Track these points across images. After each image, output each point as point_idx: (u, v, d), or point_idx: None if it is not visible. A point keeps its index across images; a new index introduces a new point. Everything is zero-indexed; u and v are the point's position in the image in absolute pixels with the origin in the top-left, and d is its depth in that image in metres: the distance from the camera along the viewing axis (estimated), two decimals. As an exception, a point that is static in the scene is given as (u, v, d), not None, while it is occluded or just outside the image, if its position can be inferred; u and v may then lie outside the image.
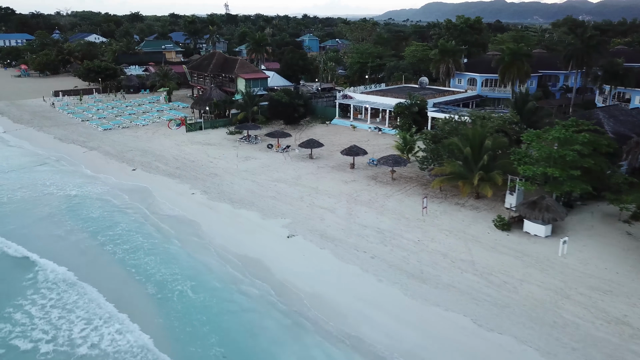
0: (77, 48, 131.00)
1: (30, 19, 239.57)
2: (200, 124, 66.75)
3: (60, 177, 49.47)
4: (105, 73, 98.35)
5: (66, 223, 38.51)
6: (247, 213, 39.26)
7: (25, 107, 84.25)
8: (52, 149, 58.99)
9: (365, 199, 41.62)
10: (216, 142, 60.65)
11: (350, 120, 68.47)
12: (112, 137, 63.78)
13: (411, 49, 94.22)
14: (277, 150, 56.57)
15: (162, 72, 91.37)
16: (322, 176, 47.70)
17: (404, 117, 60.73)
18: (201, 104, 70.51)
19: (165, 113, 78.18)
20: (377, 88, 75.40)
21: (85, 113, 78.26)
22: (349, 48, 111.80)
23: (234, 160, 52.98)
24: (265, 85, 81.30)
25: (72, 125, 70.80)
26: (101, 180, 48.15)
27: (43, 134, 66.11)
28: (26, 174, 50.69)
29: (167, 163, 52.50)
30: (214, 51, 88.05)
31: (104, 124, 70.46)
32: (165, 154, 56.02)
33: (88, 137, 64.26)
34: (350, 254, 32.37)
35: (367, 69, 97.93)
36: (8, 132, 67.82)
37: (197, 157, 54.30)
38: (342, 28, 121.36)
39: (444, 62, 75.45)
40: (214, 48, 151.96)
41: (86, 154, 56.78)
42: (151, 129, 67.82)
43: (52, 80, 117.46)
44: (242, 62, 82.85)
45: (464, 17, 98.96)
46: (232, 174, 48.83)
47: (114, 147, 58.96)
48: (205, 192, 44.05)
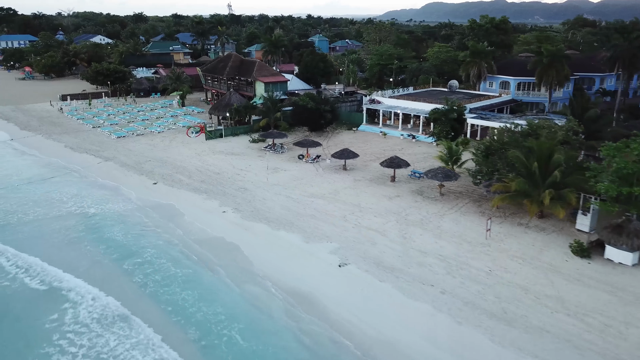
0: (83, 49, 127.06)
1: (32, 20, 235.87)
2: (221, 131, 62.72)
3: (77, 191, 45.43)
4: (114, 76, 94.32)
5: (86, 248, 34.47)
6: (288, 235, 35.21)
7: (31, 112, 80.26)
8: (64, 159, 54.94)
9: (416, 218, 37.57)
10: (240, 152, 56.61)
11: (380, 126, 64.40)
12: (127, 146, 59.75)
13: (434, 51, 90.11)
14: (307, 160, 52.54)
15: (174, 75, 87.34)
16: (361, 191, 43.66)
17: (440, 123, 56.68)
18: (220, 109, 66.48)
19: (180, 119, 74.18)
20: (405, 92, 71.31)
21: (95, 119, 74.25)
22: (366, 49, 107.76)
23: (263, 173, 48.92)
24: (285, 89, 77.29)
25: (82, 133, 66.76)
26: (121, 196, 44.09)
27: (53, 142, 62.07)
28: (39, 187, 46.66)
29: (190, 176, 48.44)
30: (229, 53, 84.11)
31: (117, 131, 66.43)
32: (186, 165, 51.98)
33: (101, 145, 60.22)
34: (416, 288, 28.32)
35: (387, 71, 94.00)
36: (16, 140, 63.79)
37: (222, 169, 50.26)
38: (359, 28, 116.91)
39: (475, 64, 71.37)
40: (223, 49, 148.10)
41: (101, 165, 52.73)
42: (167, 137, 63.78)
43: (58, 83, 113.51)
44: (261, 64, 78.79)
45: (489, 17, 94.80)
46: (263, 188, 44.79)
47: (130, 158, 54.92)
48: (237, 209, 40.00)
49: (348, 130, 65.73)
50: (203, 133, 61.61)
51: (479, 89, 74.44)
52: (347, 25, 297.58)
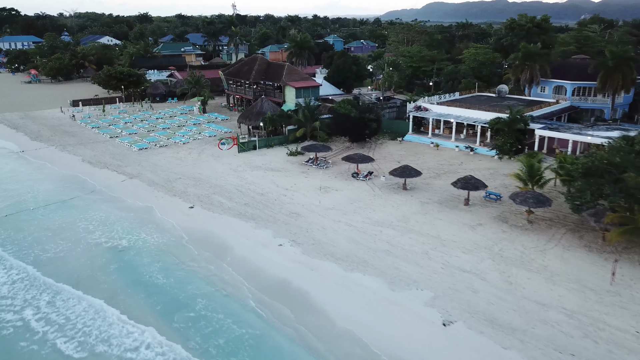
0: (92, 51, 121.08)
1: (35, 20, 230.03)
2: (254, 142, 56.62)
3: (103, 216, 39.37)
4: (128, 80, 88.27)
5: (123, 295, 28.42)
6: (366, 279, 29.12)
7: (41, 120, 74.24)
8: (83, 176, 48.88)
9: (513, 254, 31.50)
10: (279, 167, 50.52)
11: (429, 136, 58.26)
12: (151, 160, 53.70)
13: (472, 52, 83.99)
14: (358, 177, 46.48)
15: (193, 79, 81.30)
16: (434, 217, 37.58)
17: (503, 135, 50.66)
18: (251, 118, 60.39)
19: (204, 127, 68.11)
20: (451, 98, 65.20)
21: (112, 128, 68.21)
22: (393, 51, 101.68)
23: (313, 193, 42.82)
24: (316, 95, 71.23)
25: (99, 144, 60.70)
26: (154, 224, 38.00)
27: (68, 155, 56.01)
28: (59, 212, 40.63)
29: (231, 197, 42.36)
30: (255, 55, 78.06)
31: (137, 141, 60.37)
32: (223, 183, 45.91)
33: (122, 159, 54.17)
34: (551, 358, 22.25)
35: (420, 74, 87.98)
36: (27, 153, 57.74)
37: (265, 189, 44.17)
38: (386, 29, 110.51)
39: (527, 67, 65.28)
40: (237, 51, 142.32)
41: (126, 184, 46.65)
42: (195, 148, 57.72)
43: (66, 87, 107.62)
44: (290, 68, 72.70)
45: (528, 16, 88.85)
46: (318, 213, 38.71)
47: (157, 174, 48.86)
48: (294, 241, 33.94)
49: (392, 141, 59.63)
50: (235, 145, 55.51)
51: (530, 94, 68.32)
52: (357, 25, 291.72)
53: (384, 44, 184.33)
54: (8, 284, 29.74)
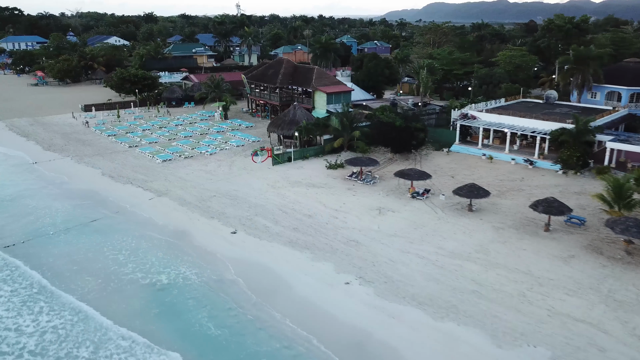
0: (101, 53, 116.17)
1: (39, 20, 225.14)
2: (289, 154, 51.78)
3: (133, 244, 34.54)
4: (142, 83, 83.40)
5: (171, 354, 23.56)
6: (462, 331, 24.29)
7: (52, 127, 69.37)
8: (105, 194, 44.01)
9: (628, 297, 26.68)
10: (321, 182, 45.66)
11: (479, 147, 53.41)
12: (178, 173, 48.86)
13: (507, 55, 79.15)
14: (412, 195, 41.65)
15: (213, 83, 76.45)
16: (515, 246, 32.75)
17: (568, 147, 45.86)
18: (283, 127, 55.51)
19: (229, 135, 63.26)
20: (497, 104, 60.39)
21: (130, 136, 63.35)
22: (419, 53, 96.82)
23: (367, 215, 38.00)
24: (348, 100, 66.43)
25: (118, 154, 55.85)
26: (194, 254, 33.14)
27: (86, 168, 51.14)
28: (82, 237, 35.80)
29: (276, 220, 37.51)
30: (280, 58, 73.23)
31: (159, 152, 55.54)
32: (263, 202, 41.05)
33: (146, 172, 49.33)
34: None
35: (451, 77, 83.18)
36: (41, 164, 52.87)
37: (311, 209, 39.32)
38: (413, 29, 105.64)
39: (578, 71, 60.46)
40: (250, 52, 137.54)
41: (155, 203, 41.79)
42: (224, 160, 52.87)
43: (75, 90, 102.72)
44: (320, 71, 67.85)
45: (565, 17, 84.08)
46: (379, 240, 33.89)
47: (188, 191, 44.00)
48: (363, 279, 29.11)
49: (437, 152, 54.75)
50: (270, 157, 50.66)
51: (579, 100, 63.50)
52: (365, 26, 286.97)
53: (397, 45, 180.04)
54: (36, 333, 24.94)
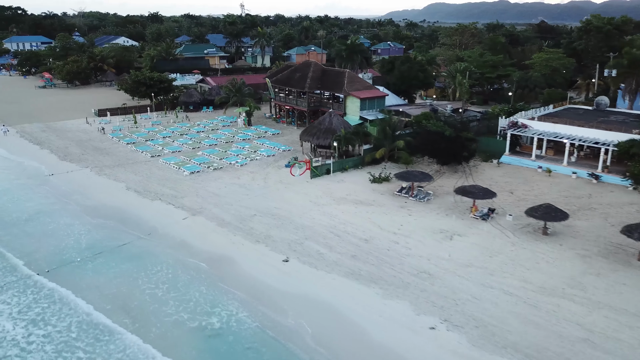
0: (111, 54, 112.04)
1: (43, 20, 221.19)
2: (328, 166, 47.67)
3: (172, 276, 30.41)
4: (158, 86, 79.29)
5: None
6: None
7: (66, 133, 65.24)
8: (132, 211, 39.88)
9: None
10: (369, 199, 41.53)
11: (532, 158, 49.30)
12: (210, 187, 44.73)
13: (544, 57, 75.04)
14: (474, 215, 37.54)
15: (234, 86, 72.30)
16: (611, 280, 28.66)
17: (639, 160, 41.74)
18: (319, 135, 51.39)
19: (256, 144, 59.15)
20: (544, 111, 56.30)
21: (150, 144, 59.24)
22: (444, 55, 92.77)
23: (430, 239, 33.89)
24: (382, 106, 62.47)
25: (141, 165, 51.74)
26: (243, 287, 29.00)
27: (108, 181, 47.00)
28: (112, 265, 31.70)
29: (330, 244, 33.40)
30: (307, 60, 69.11)
31: (185, 163, 51.43)
32: (310, 222, 36.94)
33: (174, 186, 45.20)
34: None
35: (483, 81, 79.06)
36: (57, 176, 48.74)
37: (366, 232, 35.22)
38: (439, 31, 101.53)
39: (632, 75, 56.40)
40: (263, 53, 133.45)
41: (189, 223, 37.67)
42: (257, 172, 48.77)
43: (85, 93, 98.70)
44: (352, 75, 63.71)
45: (603, 17, 79.98)
46: (455, 272, 29.78)
47: (224, 209, 39.87)
48: (449, 322, 25.00)
49: (486, 163, 50.60)
50: (308, 170, 46.55)
51: (631, 107, 59.39)
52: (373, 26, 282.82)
53: (410, 46, 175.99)
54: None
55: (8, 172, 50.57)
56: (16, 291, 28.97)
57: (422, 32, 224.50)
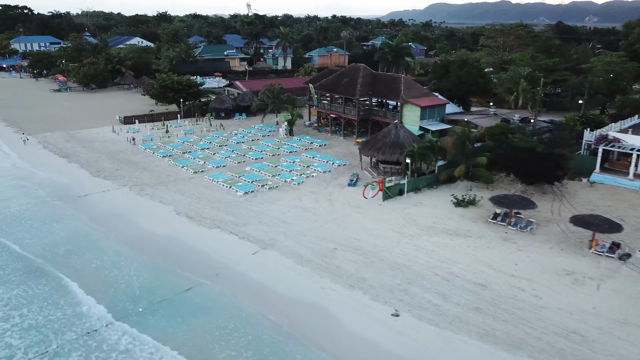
0: (129, 55, 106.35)
1: (51, 19, 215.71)
2: (401, 186, 41.97)
3: (257, 336, 24.67)
4: (187, 91, 73.61)
5: None
6: None
7: (93, 144, 59.54)
8: (189, 243, 34.15)
9: None
10: (460, 228, 35.79)
11: (629, 177, 43.56)
12: (271, 212, 38.99)
13: (605, 60, 69.34)
14: (596, 251, 31.86)
15: (272, 92, 66.58)
16: None
17: None
18: (384, 150, 45.68)
19: (306, 157, 53.47)
20: (632, 122, 50.68)
21: (188, 157, 53.54)
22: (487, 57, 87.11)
23: (558, 284, 28.17)
24: (442, 115, 56.98)
25: (184, 183, 46.02)
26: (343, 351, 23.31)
27: (152, 203, 41.22)
28: (180, 320, 25.97)
29: (441, 292, 27.66)
30: (354, 65, 63.36)
31: (235, 181, 45.69)
32: (403, 259, 31.22)
33: (231, 210, 39.44)
34: None
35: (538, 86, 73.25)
36: (93, 197, 43.00)
37: (477, 273, 29.49)
38: (483, 31, 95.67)
39: None
40: (285, 54, 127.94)
41: (261, 259, 31.95)
42: (318, 192, 43.07)
43: (103, 97, 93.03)
44: (408, 80, 58.06)
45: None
46: (609, 331, 24.15)
47: (297, 240, 34.16)
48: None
49: (573, 181, 44.81)
50: (381, 191, 40.83)
51: None
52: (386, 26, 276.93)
53: (431, 47, 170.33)
54: None
55: (36, 190, 44.82)
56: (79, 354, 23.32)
57: (438, 33, 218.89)
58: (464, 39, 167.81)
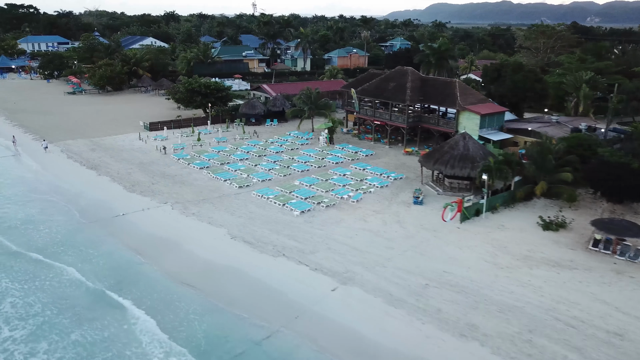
0: (146, 56, 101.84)
1: (57, 19, 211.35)
2: (478, 206, 37.51)
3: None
4: (215, 96, 69.14)
5: None
6: None
7: (121, 153, 55.06)
8: (255, 277, 29.68)
9: None
10: (561, 257, 31.31)
11: None
12: (336, 236, 34.51)
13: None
14: None
15: (308, 98, 62.06)
16: None
17: None
18: (453, 164, 41.17)
19: (355, 169, 49.00)
20: None
21: (228, 169, 49.08)
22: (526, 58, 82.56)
23: None
24: (501, 123, 52.53)
25: (230, 200, 41.53)
26: None
27: (200, 225, 36.69)
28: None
29: (576, 345, 23.13)
30: (401, 68, 58.74)
31: (287, 198, 41.15)
32: (514, 300, 26.70)
33: (292, 234, 34.91)
34: None
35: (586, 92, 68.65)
36: (132, 216, 38.52)
37: (608, 319, 25.00)
38: (516, 33, 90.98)
39: None
40: (306, 56, 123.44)
41: (343, 297, 27.48)
42: (382, 212, 38.57)
43: (121, 101, 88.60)
44: (463, 86, 53.64)
45: None
46: None
47: (377, 273, 29.66)
48: None
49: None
50: (459, 212, 36.34)
51: None
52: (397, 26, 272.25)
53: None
54: None
55: (67, 208, 40.41)
56: None
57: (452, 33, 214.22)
58: (483, 39, 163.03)
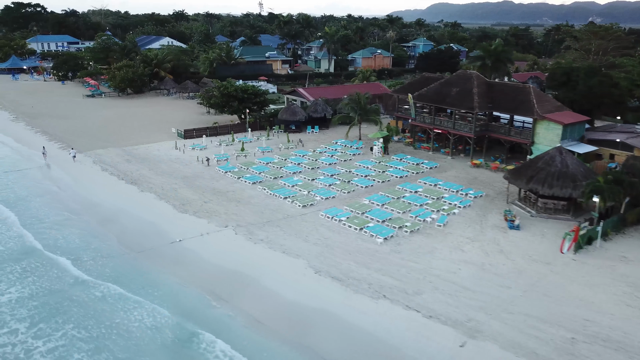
0: (168, 57, 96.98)
1: (66, 18, 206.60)
2: (592, 233, 32.59)
3: None
4: (252, 101, 64.25)
5: None
6: None
7: (159, 165, 50.15)
8: (353, 323, 24.81)
9: None
10: None
11: None
12: (438, 271, 29.57)
13: None
14: None
15: (358, 103, 57.13)
16: None
17: None
18: (550, 182, 36.25)
19: (424, 184, 44.11)
20: None
21: (284, 184, 44.18)
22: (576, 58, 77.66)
23: None
24: (581, 134, 47.56)
25: (297, 221, 36.63)
26: None
27: (272, 254, 31.79)
28: None
29: None
30: (464, 72, 53.99)
31: (363, 221, 36.17)
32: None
33: (382, 267, 29.98)
34: None
35: None
36: (190, 242, 33.58)
37: None
38: (569, 34, 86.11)
39: None
40: (330, 57, 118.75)
41: (474, 357, 22.60)
42: (477, 239, 33.67)
43: (144, 104, 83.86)
44: (538, 93, 48.72)
45: None
46: None
47: (505, 321, 24.73)
48: None
49: None
50: (574, 242, 31.42)
51: None
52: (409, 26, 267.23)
53: (470, 49, 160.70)
54: None
55: (114, 232, 35.55)
56: None
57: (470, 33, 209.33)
58: (508, 40, 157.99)
